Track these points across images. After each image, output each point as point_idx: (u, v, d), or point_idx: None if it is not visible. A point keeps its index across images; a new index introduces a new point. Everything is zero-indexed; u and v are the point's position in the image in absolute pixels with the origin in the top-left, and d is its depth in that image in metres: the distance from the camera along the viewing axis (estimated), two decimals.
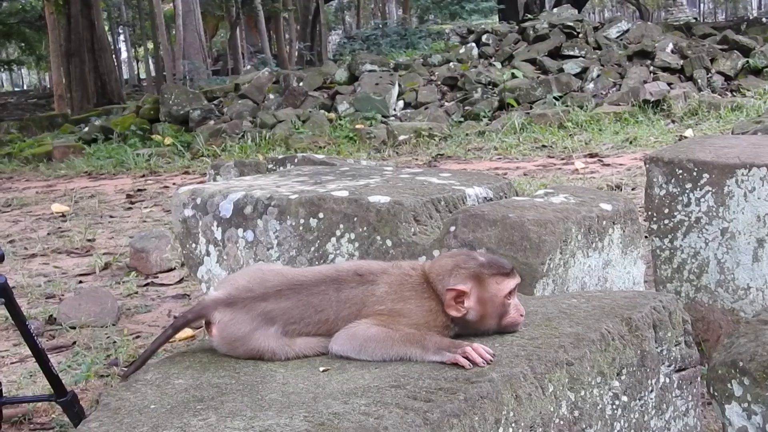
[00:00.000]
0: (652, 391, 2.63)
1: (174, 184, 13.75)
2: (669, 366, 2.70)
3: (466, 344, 2.31)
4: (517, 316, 2.53)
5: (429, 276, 2.51)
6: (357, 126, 17.73)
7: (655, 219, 4.60)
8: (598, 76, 19.26)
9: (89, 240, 9.34)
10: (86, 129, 21.00)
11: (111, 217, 11.09)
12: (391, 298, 2.45)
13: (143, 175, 15.49)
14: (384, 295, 2.46)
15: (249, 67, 32.46)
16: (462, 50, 22.15)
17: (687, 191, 4.45)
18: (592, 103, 18.04)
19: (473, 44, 22.43)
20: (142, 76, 57.97)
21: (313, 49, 40.01)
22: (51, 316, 6.27)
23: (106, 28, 41.48)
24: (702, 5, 63.34)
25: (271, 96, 20.62)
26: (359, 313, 2.44)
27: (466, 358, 2.27)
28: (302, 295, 2.49)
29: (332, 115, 18.85)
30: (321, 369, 2.36)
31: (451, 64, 21.21)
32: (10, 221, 11.26)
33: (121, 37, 60.65)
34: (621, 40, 21.48)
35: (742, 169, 4.30)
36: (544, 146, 15.01)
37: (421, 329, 2.40)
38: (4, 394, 4.08)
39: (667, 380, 2.70)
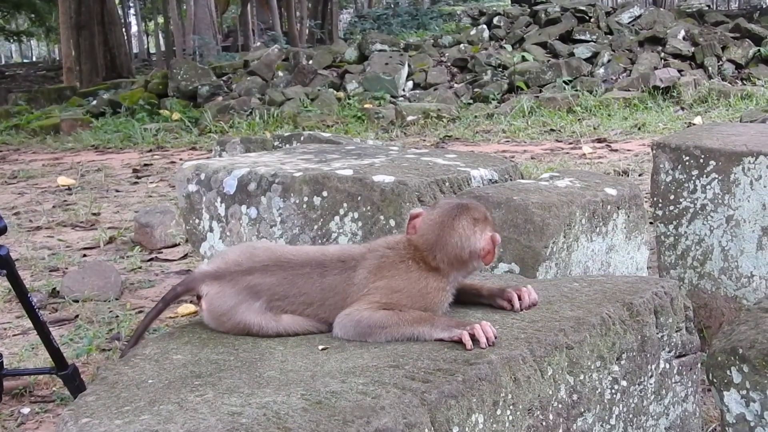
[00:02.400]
0: (651, 376, 2.63)
1: (181, 159, 13.75)
2: (669, 352, 2.70)
3: (475, 322, 2.30)
4: None
5: (422, 244, 2.50)
6: (366, 106, 17.69)
7: (660, 205, 4.58)
8: (609, 61, 19.19)
9: (94, 214, 9.34)
10: (94, 102, 20.98)
11: (117, 191, 11.08)
12: (372, 280, 2.44)
13: (150, 150, 15.47)
14: (364, 281, 2.44)
15: (259, 43, 32.41)
16: (473, 32, 22.09)
17: (693, 178, 4.44)
18: (602, 88, 17.99)
19: (484, 26, 22.36)
20: (152, 50, 57.88)
21: (323, 27, 39.95)
22: (54, 289, 6.27)
23: (117, 1, 41.41)
24: None
25: (280, 73, 20.59)
26: (344, 303, 2.44)
27: (472, 336, 2.26)
28: (287, 273, 2.49)
29: (341, 94, 18.81)
30: (320, 347, 2.36)
31: (461, 45, 21.16)
32: (15, 193, 11.27)
33: (132, 11, 60.49)
34: (633, 25, 21.41)
35: (749, 157, 4.28)
36: (552, 130, 14.97)
37: (416, 299, 2.40)
38: (5, 366, 4.08)
39: (667, 366, 2.70)
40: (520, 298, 2.56)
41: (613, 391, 2.49)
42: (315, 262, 2.50)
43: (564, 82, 18.28)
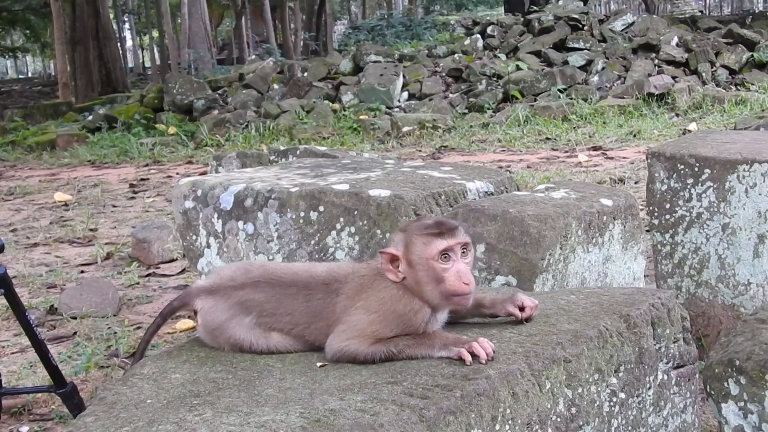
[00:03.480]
0: (650, 388, 2.63)
1: (177, 173, 13.76)
2: (667, 363, 2.70)
3: (473, 339, 2.30)
4: (459, 284, 2.36)
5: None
6: (361, 117, 17.72)
7: (656, 214, 4.59)
8: (603, 68, 19.23)
9: (91, 229, 9.34)
10: (90, 117, 21.00)
11: (114, 206, 11.08)
12: (351, 305, 2.42)
13: (146, 165, 15.48)
14: (344, 309, 2.42)
15: (254, 56, 32.47)
16: (467, 42, 22.14)
17: (688, 186, 4.44)
18: (597, 95, 18.02)
19: (478, 36, 22.42)
20: (147, 64, 57.98)
21: (318, 39, 40.07)
22: (52, 306, 6.27)
23: (111, 16, 41.46)
24: None
25: (276, 86, 20.62)
26: (329, 330, 2.42)
27: (471, 352, 2.26)
28: (276, 291, 2.49)
29: (336, 105, 18.84)
30: (318, 364, 2.36)
31: (456, 55, 21.21)
32: (12, 210, 11.27)
33: (126, 26, 60.63)
34: (626, 33, 21.48)
35: (743, 165, 4.28)
36: (548, 139, 14.99)
37: (393, 320, 2.36)
38: (3, 385, 4.08)
39: (665, 377, 2.70)
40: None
41: (612, 403, 2.49)
42: (301, 283, 2.49)
43: (559, 90, 18.32)
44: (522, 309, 2.55)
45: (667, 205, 4.53)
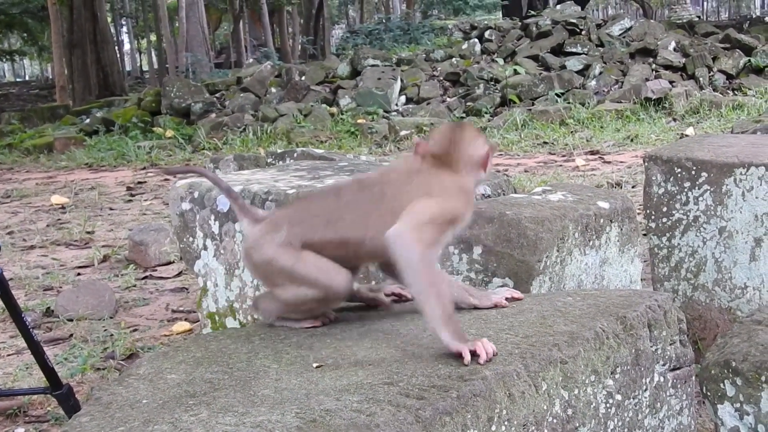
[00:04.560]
0: (646, 389, 2.63)
1: (175, 176, 13.73)
2: (663, 365, 2.70)
3: (477, 339, 2.30)
4: None
5: (440, 151, 2.66)
6: (359, 121, 17.72)
7: (653, 217, 4.59)
8: (601, 73, 19.24)
9: (88, 232, 9.33)
10: (87, 121, 20.98)
11: (111, 209, 11.08)
12: (404, 192, 2.54)
13: (144, 168, 15.47)
14: (392, 197, 2.54)
15: (251, 60, 32.45)
16: (465, 46, 22.13)
17: (685, 190, 4.44)
18: (594, 100, 18.03)
19: (476, 40, 22.41)
20: (145, 68, 57.96)
21: (315, 43, 40.07)
22: (48, 308, 6.26)
23: (109, 19, 41.46)
24: (705, 4, 63.25)
25: (273, 90, 20.61)
26: (367, 217, 2.52)
27: (473, 351, 2.26)
28: (304, 202, 2.73)
29: (334, 109, 18.83)
30: (314, 365, 2.36)
31: (453, 59, 21.20)
32: (9, 212, 11.26)
33: (124, 29, 60.61)
34: (624, 37, 21.47)
35: (740, 168, 4.29)
36: (545, 143, 15.00)
37: (456, 198, 2.55)
38: None
39: (662, 379, 2.70)
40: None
41: (608, 405, 2.49)
42: (332, 189, 2.74)
43: (556, 94, 18.33)
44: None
45: (664, 209, 4.53)
